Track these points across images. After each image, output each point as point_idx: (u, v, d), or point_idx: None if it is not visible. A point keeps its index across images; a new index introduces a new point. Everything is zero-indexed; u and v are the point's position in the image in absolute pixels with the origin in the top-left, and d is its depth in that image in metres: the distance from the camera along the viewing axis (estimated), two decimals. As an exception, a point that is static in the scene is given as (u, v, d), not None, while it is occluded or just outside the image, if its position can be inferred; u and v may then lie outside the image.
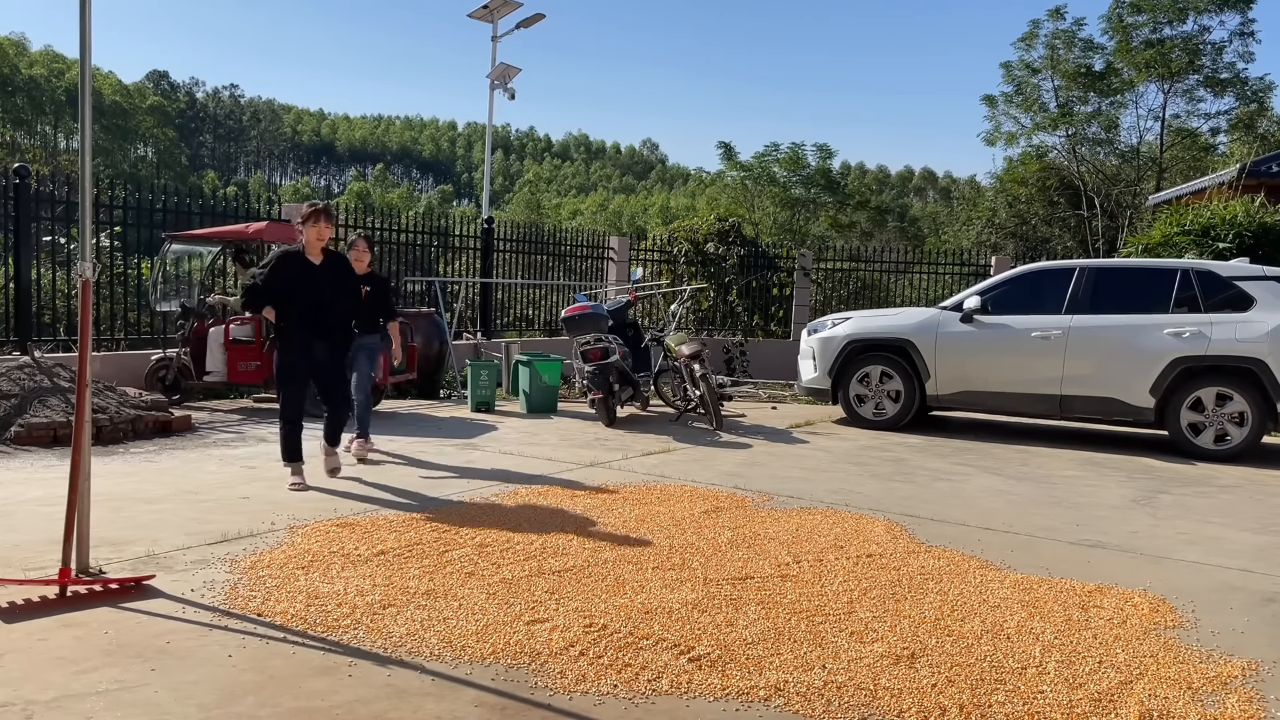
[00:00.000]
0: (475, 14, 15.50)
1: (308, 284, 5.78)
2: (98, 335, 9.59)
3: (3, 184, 9.03)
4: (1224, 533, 5.53)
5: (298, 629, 3.41)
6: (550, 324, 14.85)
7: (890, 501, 5.98)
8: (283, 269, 5.78)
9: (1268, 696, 3.16)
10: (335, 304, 5.89)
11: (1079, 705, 3.01)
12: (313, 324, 5.79)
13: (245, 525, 4.77)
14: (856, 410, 9.44)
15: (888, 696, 3.02)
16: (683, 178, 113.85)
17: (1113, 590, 4.25)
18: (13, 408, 7.00)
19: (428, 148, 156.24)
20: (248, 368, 8.86)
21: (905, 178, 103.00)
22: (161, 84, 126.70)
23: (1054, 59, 25.20)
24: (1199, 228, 11.92)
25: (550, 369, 9.74)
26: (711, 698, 2.99)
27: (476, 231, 13.70)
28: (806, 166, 29.38)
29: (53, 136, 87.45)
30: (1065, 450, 8.45)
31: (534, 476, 6.29)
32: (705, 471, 6.76)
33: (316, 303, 5.78)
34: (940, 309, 9.29)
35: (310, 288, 5.77)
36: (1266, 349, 7.92)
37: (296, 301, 5.75)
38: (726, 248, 15.87)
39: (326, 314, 5.84)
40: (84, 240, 3.96)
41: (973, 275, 15.89)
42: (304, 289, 5.76)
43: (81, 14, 3.80)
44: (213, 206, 11.04)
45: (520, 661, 3.20)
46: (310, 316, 5.77)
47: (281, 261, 5.81)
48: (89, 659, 3.09)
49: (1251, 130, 24.68)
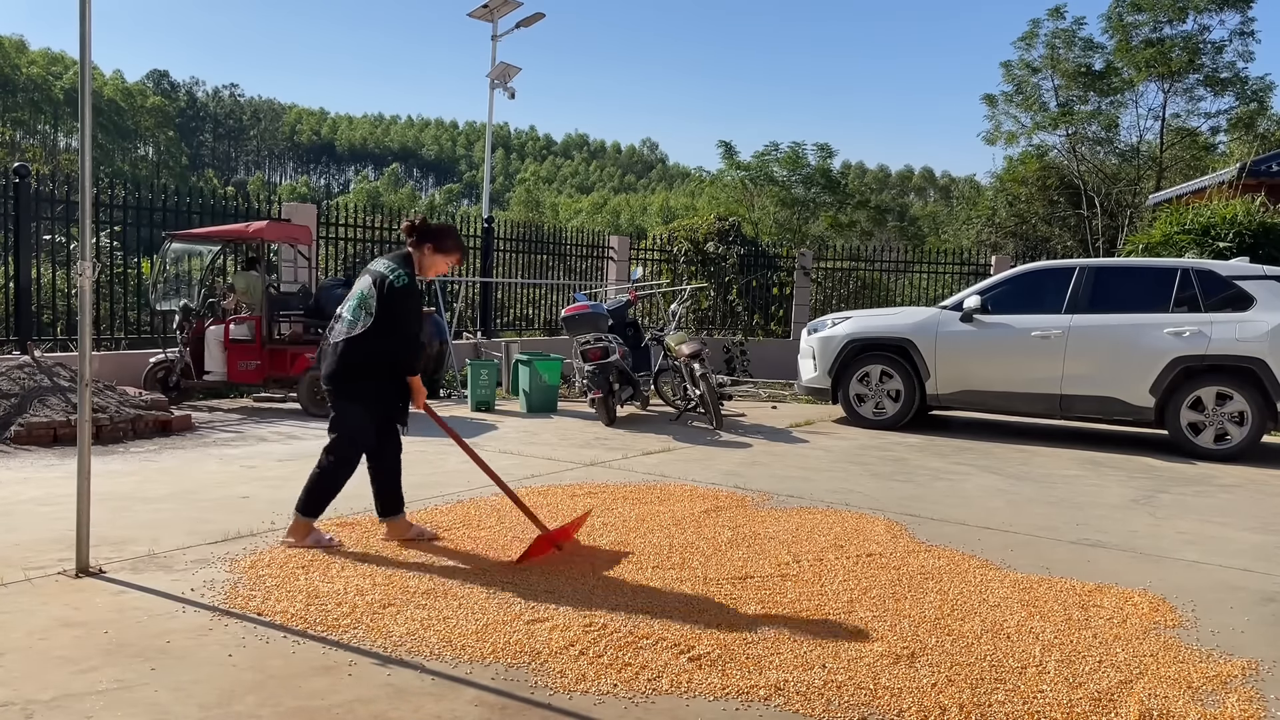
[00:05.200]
0: (475, 13, 15.49)
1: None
2: (97, 335, 9.59)
3: (3, 183, 9.02)
4: (1224, 532, 5.54)
5: (298, 628, 3.41)
6: (550, 323, 14.84)
7: (890, 501, 5.98)
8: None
9: (1268, 696, 3.16)
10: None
11: (1079, 705, 3.01)
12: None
13: (245, 525, 4.77)
14: (856, 410, 9.44)
15: (888, 696, 3.02)
16: (683, 177, 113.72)
17: (1113, 590, 4.25)
18: (13, 407, 7.00)
19: (429, 147, 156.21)
20: (247, 367, 8.86)
21: (905, 177, 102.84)
22: (161, 84, 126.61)
23: (1054, 58, 25.19)
24: (1199, 227, 11.92)
25: (550, 368, 9.74)
26: (711, 697, 2.99)
27: (476, 231, 13.70)
28: (806, 166, 29.34)
29: (53, 136, 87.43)
30: (1065, 450, 8.45)
31: (534, 476, 6.29)
32: (705, 471, 6.76)
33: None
34: (940, 308, 9.29)
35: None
36: (1266, 348, 7.92)
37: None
38: (726, 247, 15.87)
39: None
40: (84, 240, 3.96)
41: (973, 275, 15.89)
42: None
43: (81, 14, 3.80)
44: (212, 206, 11.03)
45: (520, 661, 3.20)
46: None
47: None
48: (89, 659, 3.09)
49: (1251, 130, 24.65)
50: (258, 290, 9.05)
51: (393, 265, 4.43)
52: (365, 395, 4.42)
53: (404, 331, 4.40)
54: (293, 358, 8.83)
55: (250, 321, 8.91)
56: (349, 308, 4.46)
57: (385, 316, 4.34)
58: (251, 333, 8.87)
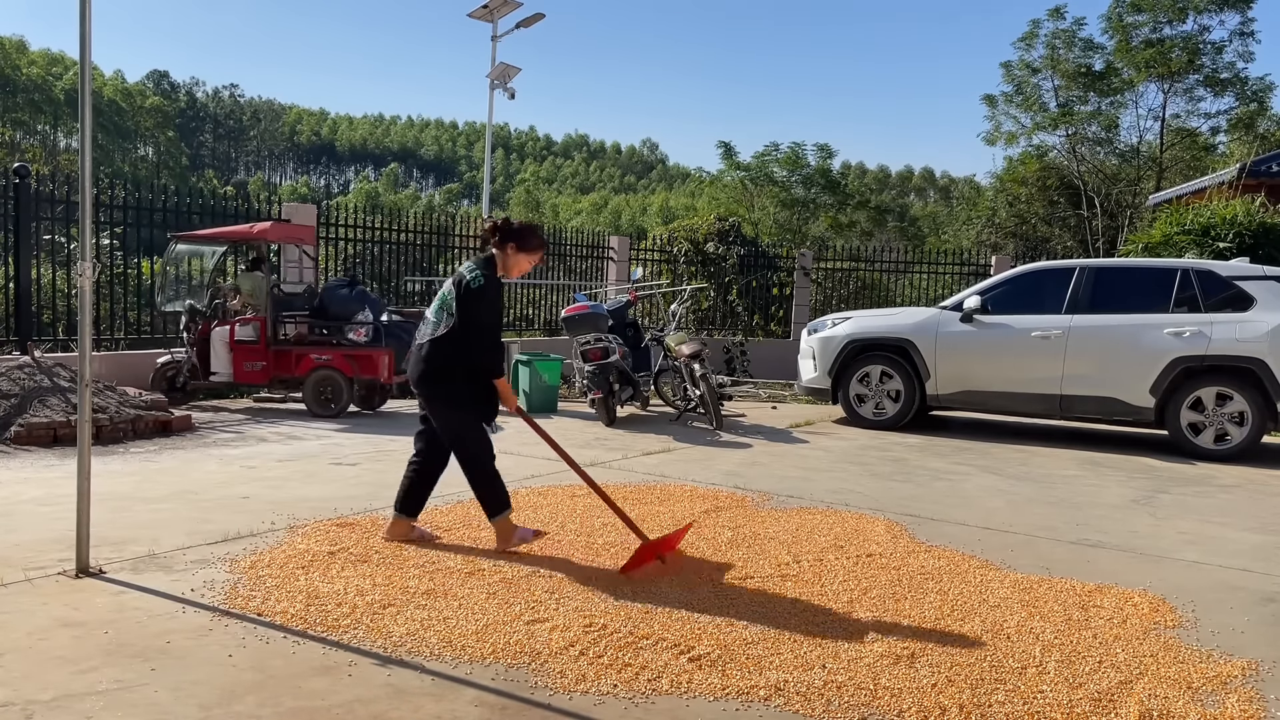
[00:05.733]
0: (475, 14, 15.48)
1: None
2: (97, 335, 9.59)
3: (3, 184, 9.03)
4: (1224, 532, 5.53)
5: (298, 629, 3.41)
6: (550, 324, 14.84)
7: (890, 501, 5.98)
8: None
9: (1268, 696, 3.16)
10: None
11: (1079, 705, 3.01)
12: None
13: (245, 525, 4.76)
14: (856, 410, 9.44)
15: (888, 696, 3.02)
16: (683, 177, 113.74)
17: (1113, 590, 4.25)
18: (13, 407, 7.00)
19: (429, 148, 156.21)
20: (253, 368, 8.90)
21: (905, 178, 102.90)
22: (162, 84, 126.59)
23: (1054, 59, 25.20)
24: (1199, 227, 11.92)
25: (550, 369, 9.74)
26: (711, 697, 2.99)
27: (476, 231, 13.70)
28: (806, 166, 29.36)
29: (53, 136, 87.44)
30: (1065, 450, 8.45)
31: (534, 476, 6.29)
32: (705, 471, 6.76)
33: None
34: (940, 309, 9.29)
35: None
36: (1266, 349, 7.92)
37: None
38: (726, 247, 15.87)
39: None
40: (84, 240, 3.96)
41: (973, 275, 15.89)
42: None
43: (81, 14, 3.80)
44: (212, 206, 11.03)
45: (520, 661, 3.20)
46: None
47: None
48: (89, 659, 3.09)
49: (1251, 130, 24.66)
50: (262, 291, 9.07)
51: (473, 266, 4.43)
52: (453, 395, 4.42)
53: (482, 333, 4.37)
54: (297, 358, 8.85)
55: (255, 322, 8.93)
56: (433, 309, 4.48)
57: (464, 318, 4.34)
58: (256, 333, 8.90)
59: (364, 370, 8.76)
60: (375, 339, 8.79)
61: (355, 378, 8.75)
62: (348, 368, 8.70)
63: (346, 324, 8.87)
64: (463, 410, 4.45)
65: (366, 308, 8.97)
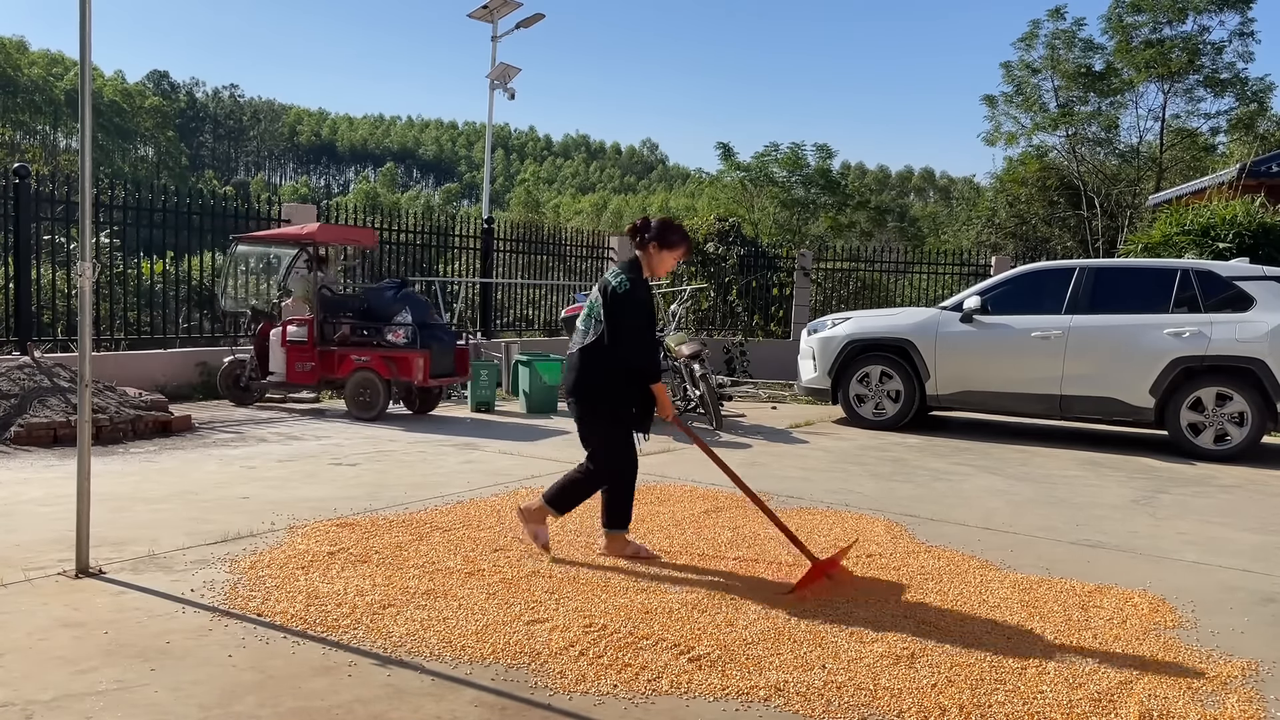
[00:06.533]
0: (475, 14, 15.51)
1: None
2: (97, 335, 9.59)
3: (3, 184, 9.02)
4: (1224, 533, 5.54)
5: (298, 629, 3.41)
6: (550, 324, 14.85)
7: (890, 501, 5.98)
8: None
9: (1268, 696, 3.16)
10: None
11: (1079, 705, 3.01)
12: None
13: (245, 525, 4.76)
14: (856, 410, 9.44)
15: (888, 696, 3.02)
16: (683, 178, 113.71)
17: (1113, 590, 4.25)
18: (13, 408, 7.00)
19: (429, 148, 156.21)
20: (304, 368, 8.96)
21: (905, 178, 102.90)
22: (162, 84, 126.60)
23: (1054, 59, 25.18)
24: (1199, 228, 11.92)
25: (550, 369, 9.74)
26: (711, 698, 2.99)
27: (476, 231, 13.70)
28: (806, 166, 29.33)
29: (53, 137, 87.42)
30: (1065, 450, 8.45)
31: (534, 476, 6.28)
32: (705, 471, 6.75)
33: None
34: (940, 309, 9.29)
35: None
36: (1266, 349, 7.92)
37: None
38: (726, 248, 15.87)
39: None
40: (84, 240, 3.96)
41: (973, 275, 15.88)
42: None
43: (81, 14, 3.80)
44: (212, 207, 11.03)
45: (520, 661, 3.20)
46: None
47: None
48: (89, 659, 3.09)
49: (1251, 130, 24.64)
50: (313, 292, 9.15)
51: (618, 271, 4.37)
52: (606, 404, 4.38)
53: (632, 337, 4.30)
54: (340, 359, 8.87)
55: (308, 323, 8.99)
56: (582, 317, 4.44)
57: (613, 323, 4.29)
58: (306, 334, 8.96)
59: (400, 372, 8.76)
60: (412, 341, 8.78)
61: (392, 379, 8.76)
62: (384, 369, 8.69)
63: (386, 325, 8.89)
64: (616, 423, 4.41)
65: (407, 309, 8.98)
